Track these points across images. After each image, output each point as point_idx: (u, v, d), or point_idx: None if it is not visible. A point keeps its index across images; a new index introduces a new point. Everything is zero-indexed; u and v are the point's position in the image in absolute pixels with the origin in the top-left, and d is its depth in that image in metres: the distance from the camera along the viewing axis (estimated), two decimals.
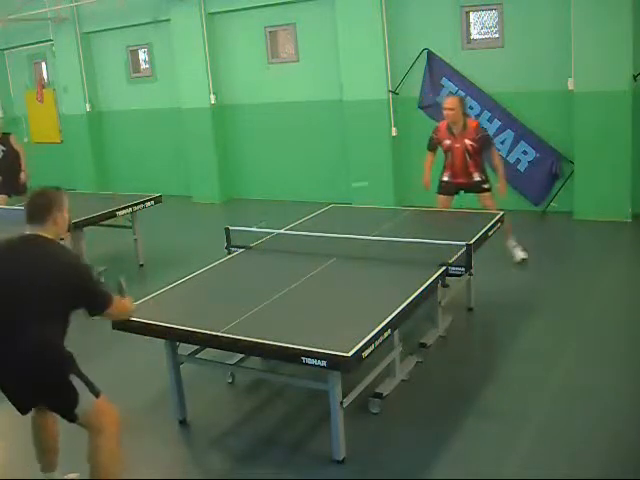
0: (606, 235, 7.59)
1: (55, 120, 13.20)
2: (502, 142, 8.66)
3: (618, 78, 7.65)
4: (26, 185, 8.85)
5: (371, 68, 9.21)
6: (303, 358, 3.40)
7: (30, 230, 3.32)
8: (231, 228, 5.35)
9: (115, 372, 5.11)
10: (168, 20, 10.81)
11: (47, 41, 12.52)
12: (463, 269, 4.54)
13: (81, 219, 6.79)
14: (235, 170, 11.07)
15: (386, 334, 3.66)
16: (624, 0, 7.46)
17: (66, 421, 3.29)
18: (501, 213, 5.82)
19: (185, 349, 4.22)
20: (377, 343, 3.54)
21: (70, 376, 3.18)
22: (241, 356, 4.44)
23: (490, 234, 5.40)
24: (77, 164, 12.76)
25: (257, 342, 3.57)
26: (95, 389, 3.27)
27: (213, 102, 10.76)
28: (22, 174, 8.86)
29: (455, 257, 4.61)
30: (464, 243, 4.62)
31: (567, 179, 8.37)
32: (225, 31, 10.58)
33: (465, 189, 6.67)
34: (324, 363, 3.35)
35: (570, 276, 6.44)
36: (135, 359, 5.25)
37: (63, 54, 12.28)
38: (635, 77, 7.68)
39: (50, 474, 3.65)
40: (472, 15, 8.77)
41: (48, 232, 3.31)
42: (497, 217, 5.67)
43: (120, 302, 3.51)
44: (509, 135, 8.62)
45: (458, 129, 6.44)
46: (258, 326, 3.80)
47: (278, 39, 10.40)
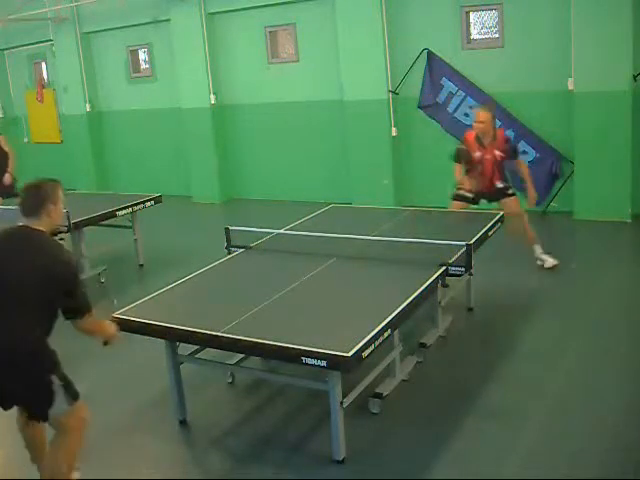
0: (606, 235, 7.59)
1: (55, 120, 13.20)
2: None
3: (618, 78, 7.65)
4: (14, 186, 8.82)
5: (371, 68, 9.21)
6: (303, 358, 3.40)
7: (24, 222, 3.31)
8: (231, 228, 5.35)
9: (115, 372, 5.12)
10: (168, 20, 10.82)
11: (47, 41, 12.52)
12: (463, 269, 4.54)
13: (81, 219, 6.81)
14: (235, 170, 11.08)
15: (386, 334, 3.66)
16: (624, 0, 7.46)
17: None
18: (501, 213, 5.82)
19: (185, 349, 4.22)
20: (377, 343, 3.54)
21: (49, 376, 3.15)
22: (241, 356, 4.44)
23: (490, 234, 5.41)
24: (77, 164, 12.77)
25: (257, 342, 3.57)
26: (74, 392, 3.25)
27: (213, 102, 10.76)
28: (7, 175, 8.84)
29: (455, 257, 4.61)
30: (464, 243, 4.62)
31: (567, 179, 8.37)
32: (225, 31, 10.58)
33: (488, 198, 6.52)
34: (324, 363, 3.35)
35: (570, 276, 6.44)
36: (135, 359, 5.25)
37: (63, 54, 12.28)
38: (635, 77, 7.68)
39: None
40: (472, 15, 8.77)
41: (41, 225, 3.30)
42: (497, 217, 5.67)
43: (98, 321, 3.42)
44: (509, 135, 8.61)
45: (488, 140, 6.28)
46: (258, 326, 3.80)
47: (278, 39, 10.40)
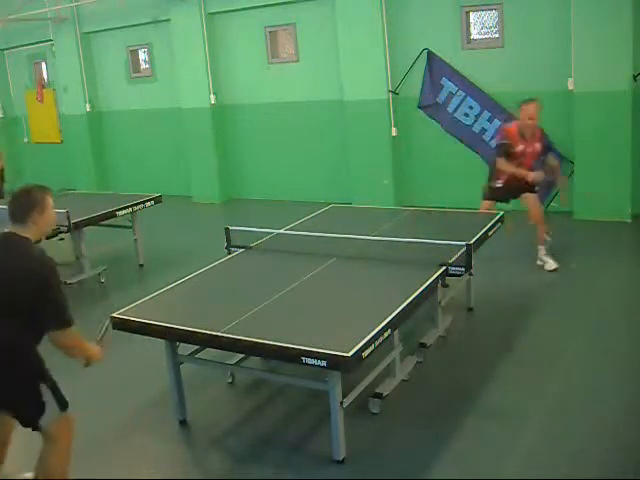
0: (606, 235, 7.59)
1: (55, 120, 13.20)
2: None
3: (618, 78, 7.64)
4: (2, 189, 8.82)
5: (371, 68, 9.21)
6: (303, 358, 3.40)
7: (11, 229, 3.28)
8: (231, 228, 5.35)
9: (115, 372, 5.11)
10: (168, 20, 10.82)
11: (47, 41, 12.53)
12: (463, 269, 4.54)
13: (81, 219, 6.81)
14: (235, 170, 11.07)
15: (386, 334, 3.66)
16: (624, 0, 7.46)
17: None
18: (501, 213, 5.82)
19: (185, 349, 4.22)
20: (377, 343, 3.54)
21: (39, 384, 3.14)
22: (241, 356, 4.44)
23: (490, 234, 5.41)
24: (77, 164, 12.76)
25: (257, 342, 3.57)
26: (64, 402, 3.25)
27: (213, 102, 10.76)
28: None
29: (455, 257, 4.61)
30: (464, 243, 4.62)
31: (567, 179, 8.37)
32: (225, 31, 10.58)
33: (514, 193, 6.56)
34: (324, 363, 3.35)
35: (570, 276, 6.44)
36: (135, 359, 5.25)
37: (63, 54, 12.28)
38: (635, 77, 7.68)
39: None
40: (472, 15, 8.77)
41: (28, 232, 3.26)
42: (497, 217, 5.67)
43: (80, 339, 3.27)
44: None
45: (529, 133, 6.38)
46: (258, 326, 3.79)
47: (278, 39, 10.40)
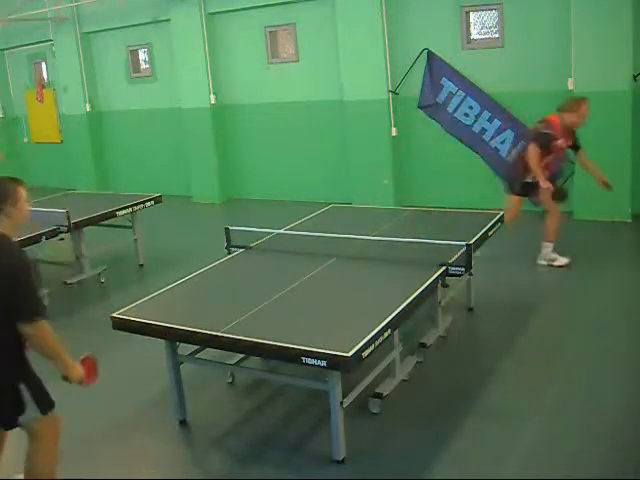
0: (606, 235, 7.59)
1: (55, 120, 13.20)
2: (502, 142, 8.65)
3: (618, 78, 7.64)
4: None
5: (371, 68, 9.21)
6: (303, 358, 3.40)
7: None
8: (231, 228, 5.35)
9: (115, 372, 5.11)
10: (168, 20, 10.82)
11: (47, 41, 12.53)
12: (463, 269, 4.54)
13: (81, 219, 6.81)
14: (235, 170, 11.07)
15: (386, 334, 3.66)
16: (624, 0, 7.46)
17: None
18: (501, 213, 5.82)
19: (185, 349, 4.22)
20: (377, 343, 3.54)
21: (17, 384, 3.12)
22: (241, 356, 4.44)
23: (490, 234, 5.41)
24: (77, 164, 12.76)
25: (257, 342, 3.57)
26: (49, 402, 3.23)
27: (213, 102, 10.76)
28: None
29: (455, 257, 4.61)
30: (464, 243, 4.62)
31: (567, 179, 8.36)
32: (225, 31, 10.58)
33: (533, 188, 6.56)
34: (324, 363, 3.35)
35: (570, 276, 6.44)
36: (135, 359, 5.25)
37: (63, 54, 12.28)
38: (635, 77, 7.68)
39: None
40: (472, 15, 8.77)
41: (2, 226, 3.23)
42: (497, 217, 5.67)
43: (52, 335, 3.16)
44: (509, 135, 8.60)
45: (569, 130, 6.41)
46: (258, 326, 3.80)
47: (278, 39, 10.40)
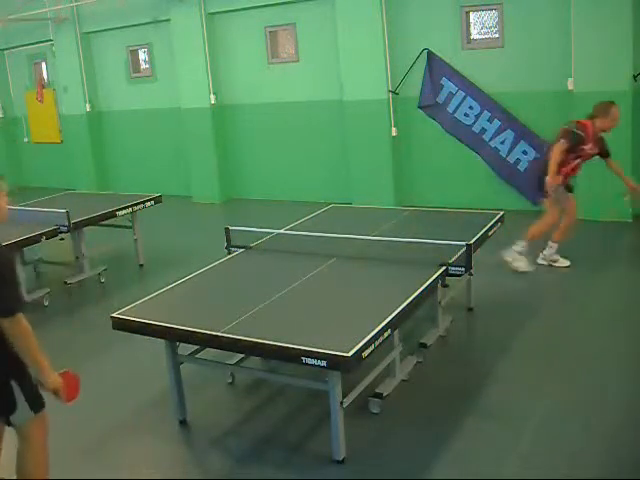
0: (606, 235, 7.59)
1: (55, 120, 13.20)
2: (502, 142, 8.67)
3: (618, 78, 7.64)
4: None
5: (371, 68, 9.21)
6: (303, 358, 3.40)
7: None
8: (231, 228, 5.35)
9: (115, 372, 5.12)
10: (168, 20, 10.82)
11: (47, 41, 12.52)
12: (463, 269, 4.54)
13: (81, 219, 6.80)
14: (235, 170, 11.07)
15: (386, 334, 3.66)
16: (624, 0, 7.46)
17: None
18: (501, 213, 5.82)
19: (185, 349, 4.22)
20: (377, 343, 3.54)
21: (10, 381, 3.11)
22: (241, 356, 4.44)
23: (490, 234, 5.41)
24: (77, 164, 12.76)
25: (257, 342, 3.57)
26: (40, 402, 3.22)
27: (213, 102, 10.76)
28: None
29: (455, 257, 4.61)
30: (464, 243, 4.62)
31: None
32: (225, 31, 10.58)
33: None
34: (324, 363, 3.35)
35: (570, 276, 6.44)
36: (135, 359, 5.25)
37: (63, 54, 12.28)
38: (635, 77, 7.68)
39: None
40: (472, 15, 8.77)
41: None
42: (497, 217, 5.67)
43: (28, 335, 3.05)
44: (509, 135, 8.62)
45: (599, 136, 6.40)
46: (258, 326, 3.79)
47: (278, 39, 10.40)
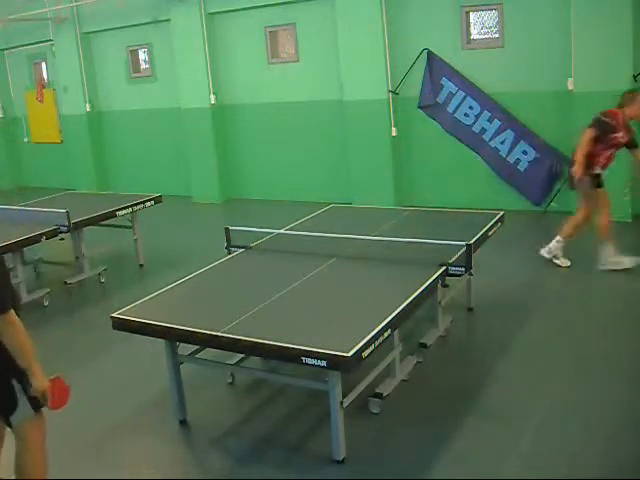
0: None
1: (55, 120, 13.19)
2: (502, 142, 8.67)
3: (618, 78, 7.63)
4: None
5: (371, 68, 9.21)
6: (303, 358, 3.40)
7: None
8: (231, 228, 5.35)
9: (115, 372, 5.12)
10: (168, 20, 10.82)
11: (47, 41, 12.53)
12: (463, 269, 4.54)
13: (81, 219, 6.81)
14: (235, 170, 11.07)
15: (386, 334, 3.66)
16: (624, 0, 7.46)
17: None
18: (501, 213, 5.82)
19: (185, 349, 4.22)
20: (377, 343, 3.55)
21: (10, 379, 3.12)
22: (241, 356, 4.44)
23: (490, 234, 5.40)
24: (77, 164, 12.76)
25: (257, 342, 3.57)
26: (37, 403, 3.21)
27: (213, 102, 10.76)
28: None
29: (455, 257, 4.61)
30: (464, 243, 4.62)
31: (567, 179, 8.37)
32: (225, 31, 10.58)
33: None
34: (324, 363, 3.35)
35: (570, 276, 6.44)
36: (135, 359, 5.25)
37: (63, 54, 12.28)
38: (635, 77, 7.68)
39: None
40: (472, 15, 8.77)
41: None
42: (497, 217, 5.67)
43: (18, 332, 3.01)
44: (509, 135, 8.62)
45: (628, 125, 6.35)
46: (258, 326, 3.80)
47: (278, 39, 10.40)
